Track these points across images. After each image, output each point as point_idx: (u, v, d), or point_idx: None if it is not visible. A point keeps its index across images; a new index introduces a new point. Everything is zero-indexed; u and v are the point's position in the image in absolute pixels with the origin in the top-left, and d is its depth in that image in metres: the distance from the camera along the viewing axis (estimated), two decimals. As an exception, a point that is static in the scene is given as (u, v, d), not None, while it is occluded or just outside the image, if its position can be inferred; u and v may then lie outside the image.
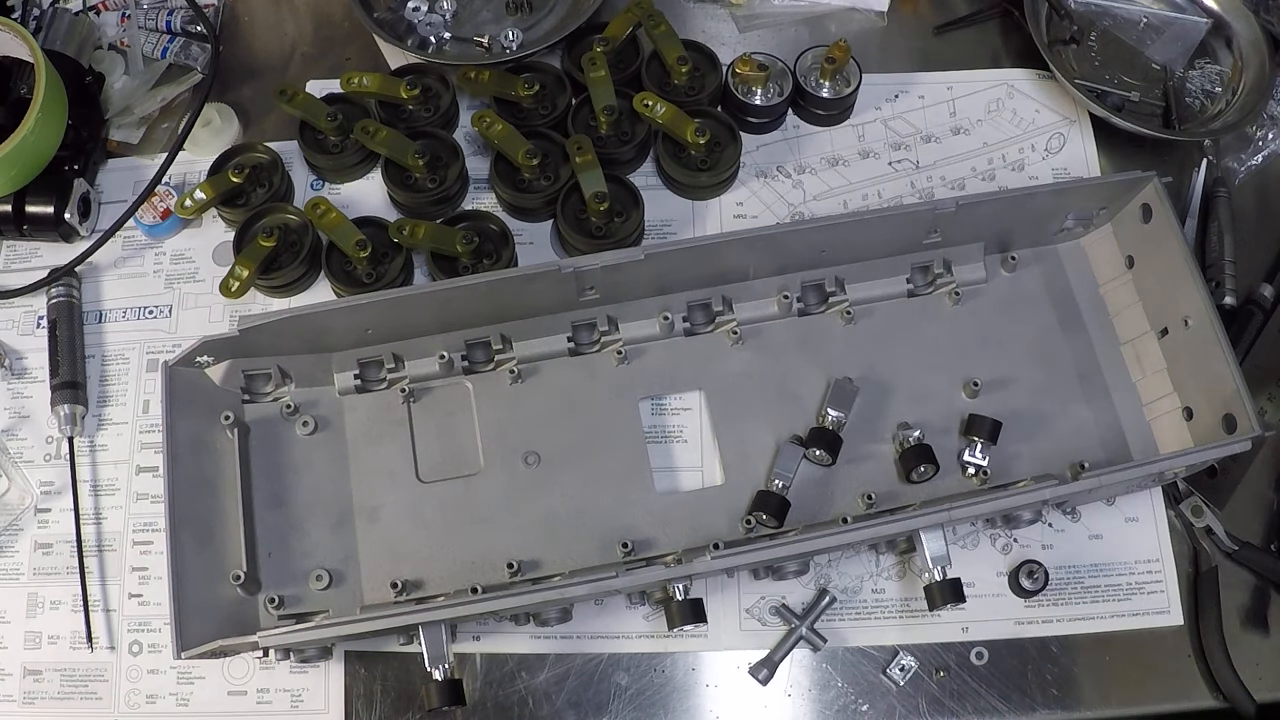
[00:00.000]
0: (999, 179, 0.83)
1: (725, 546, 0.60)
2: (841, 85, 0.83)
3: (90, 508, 0.73)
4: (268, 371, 0.70)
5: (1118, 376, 0.73)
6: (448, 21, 0.87)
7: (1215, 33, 0.89)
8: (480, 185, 0.82)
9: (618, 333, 0.73)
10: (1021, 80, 0.87)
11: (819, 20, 0.90)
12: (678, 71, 0.81)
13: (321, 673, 0.68)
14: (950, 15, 0.90)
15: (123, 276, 0.80)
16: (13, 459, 0.74)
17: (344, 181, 0.83)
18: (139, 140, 0.85)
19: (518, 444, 0.71)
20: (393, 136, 0.78)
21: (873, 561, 0.70)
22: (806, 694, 0.68)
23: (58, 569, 0.71)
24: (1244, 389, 0.64)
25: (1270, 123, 0.86)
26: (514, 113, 0.81)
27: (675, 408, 0.74)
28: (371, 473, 0.70)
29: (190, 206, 0.77)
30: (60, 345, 0.75)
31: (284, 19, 0.91)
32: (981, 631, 0.69)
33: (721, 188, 0.81)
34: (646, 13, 0.82)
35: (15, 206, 0.77)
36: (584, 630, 0.69)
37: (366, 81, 0.80)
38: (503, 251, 0.77)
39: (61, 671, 0.69)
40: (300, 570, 0.67)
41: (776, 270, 0.73)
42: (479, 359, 0.73)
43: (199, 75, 0.86)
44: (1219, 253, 0.79)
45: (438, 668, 0.60)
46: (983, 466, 0.69)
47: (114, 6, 0.89)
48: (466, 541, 0.68)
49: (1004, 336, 0.74)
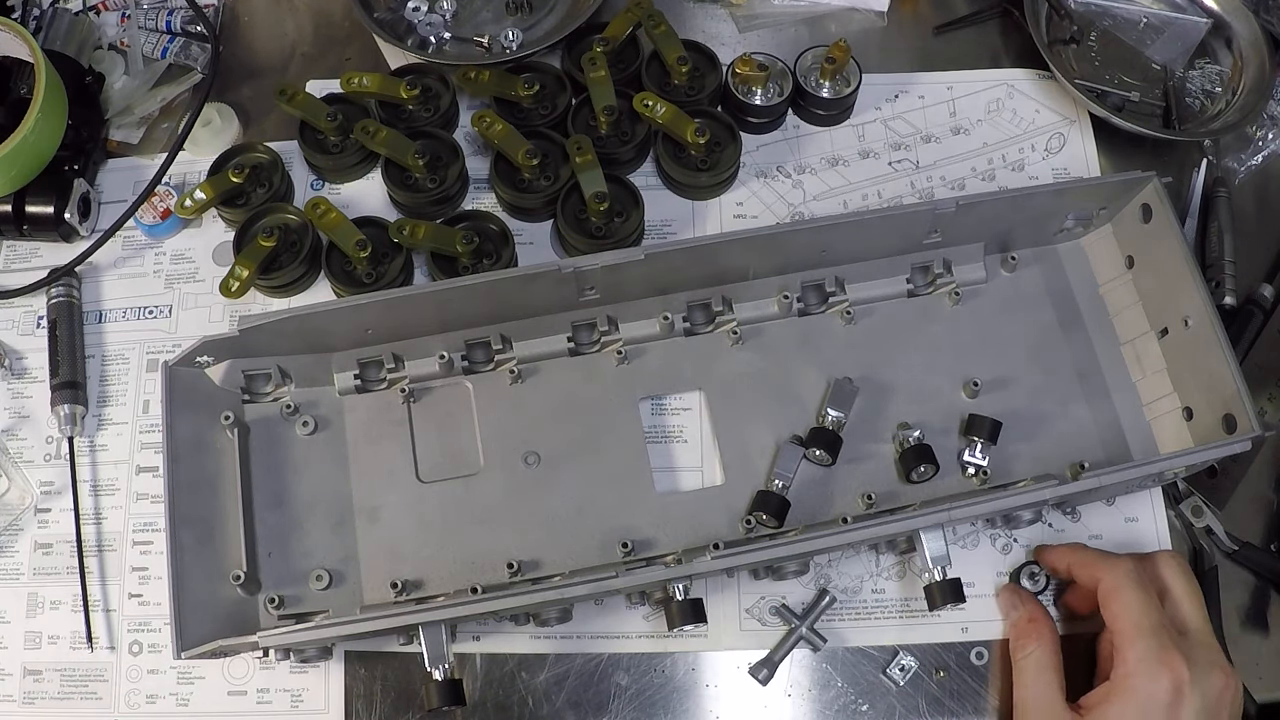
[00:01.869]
0: (999, 179, 0.83)
1: (725, 546, 0.60)
2: (841, 85, 0.83)
3: (90, 508, 0.73)
4: (268, 371, 0.70)
5: (1118, 376, 0.73)
6: (448, 21, 0.87)
7: (1215, 33, 0.89)
8: (480, 185, 0.82)
9: (618, 333, 0.73)
10: (1021, 80, 0.87)
11: (819, 20, 0.90)
12: (678, 71, 0.81)
13: (321, 673, 0.68)
14: (950, 15, 0.91)
15: (123, 276, 0.80)
16: (13, 459, 0.74)
17: (344, 181, 0.83)
18: (139, 140, 0.85)
19: (518, 444, 0.71)
20: (393, 136, 0.78)
21: (873, 561, 0.70)
22: (806, 694, 0.68)
23: (58, 569, 0.71)
24: (1244, 389, 0.64)
25: (1270, 123, 0.86)
26: (514, 113, 0.81)
27: (675, 408, 0.74)
28: (371, 473, 0.70)
29: (190, 206, 0.77)
30: (60, 345, 0.75)
31: (284, 19, 0.91)
32: (981, 631, 0.69)
33: (721, 188, 0.81)
34: (646, 13, 0.82)
35: (15, 206, 0.77)
36: (584, 630, 0.69)
37: (366, 81, 0.80)
38: (503, 251, 0.77)
39: (61, 671, 0.69)
40: (300, 570, 0.67)
41: (776, 270, 0.73)
42: (479, 359, 0.73)
43: (199, 75, 0.86)
44: (1219, 253, 0.79)
45: (438, 668, 0.60)
46: (983, 466, 0.69)
47: (114, 6, 0.89)
48: (466, 541, 0.68)
49: (1004, 336, 0.74)
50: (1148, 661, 0.57)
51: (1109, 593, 0.61)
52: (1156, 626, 0.58)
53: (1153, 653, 0.57)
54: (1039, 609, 0.66)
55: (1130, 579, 0.60)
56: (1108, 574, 0.61)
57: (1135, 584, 0.60)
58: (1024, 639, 0.64)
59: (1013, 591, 0.68)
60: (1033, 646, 0.63)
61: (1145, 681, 0.57)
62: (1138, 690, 0.57)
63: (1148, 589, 0.61)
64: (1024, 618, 0.65)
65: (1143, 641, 0.58)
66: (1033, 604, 0.66)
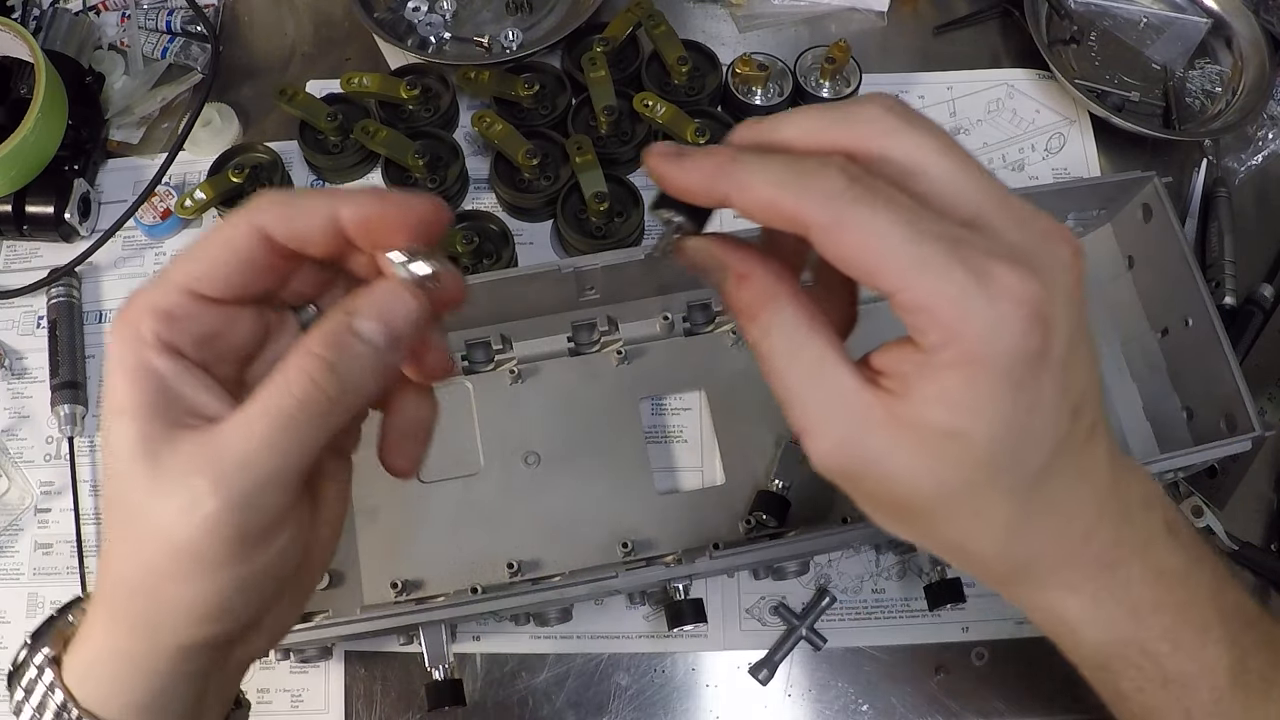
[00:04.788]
0: (999, 179, 0.83)
1: (725, 546, 0.60)
2: (841, 85, 0.83)
3: (90, 508, 0.73)
4: (268, 371, 0.70)
5: (1118, 376, 0.73)
6: (448, 21, 0.87)
7: (1215, 33, 0.89)
8: (480, 185, 0.82)
9: (618, 333, 0.73)
10: (1021, 80, 0.87)
11: (819, 20, 0.90)
12: (678, 71, 0.81)
13: (321, 673, 0.68)
14: (950, 15, 0.90)
15: (123, 276, 0.80)
16: (13, 459, 0.74)
17: (344, 181, 0.83)
18: (139, 140, 0.85)
19: (518, 444, 0.71)
20: (393, 136, 0.78)
21: (873, 561, 0.70)
22: (806, 694, 0.68)
23: (58, 569, 0.71)
24: (1244, 389, 0.64)
25: (1270, 123, 0.86)
26: (514, 113, 0.81)
27: (675, 408, 0.74)
28: (371, 473, 0.69)
29: (190, 206, 0.77)
30: (60, 345, 0.75)
31: (284, 19, 0.91)
32: (981, 631, 0.69)
33: (721, 188, 0.81)
34: (646, 13, 0.82)
35: (15, 206, 0.77)
36: (584, 630, 0.69)
37: (366, 81, 0.80)
38: (503, 251, 0.77)
39: (61, 671, 0.69)
40: (300, 570, 0.67)
41: (776, 270, 0.73)
42: (479, 359, 0.73)
43: (199, 75, 0.86)
44: (1219, 253, 0.79)
45: (438, 668, 0.60)
46: (983, 466, 0.69)
47: (114, 6, 0.89)
48: (466, 541, 0.68)
49: (1004, 336, 0.74)
50: (968, 295, 0.30)
51: (829, 229, 0.31)
52: (942, 235, 0.31)
53: (971, 279, 0.30)
54: (747, 255, 0.36)
55: (852, 192, 0.31)
56: (812, 203, 0.31)
57: (865, 195, 0.31)
58: (749, 310, 0.36)
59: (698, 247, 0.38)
60: (767, 315, 0.36)
61: (982, 328, 0.30)
62: (977, 347, 0.31)
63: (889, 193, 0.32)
64: (730, 281, 0.37)
65: (942, 269, 0.30)
66: (735, 251, 0.37)
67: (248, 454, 0.32)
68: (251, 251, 0.35)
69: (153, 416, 0.33)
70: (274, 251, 0.35)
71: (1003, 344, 0.31)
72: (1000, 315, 0.30)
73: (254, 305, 0.37)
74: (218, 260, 0.34)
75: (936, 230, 0.31)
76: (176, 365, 0.34)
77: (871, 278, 0.32)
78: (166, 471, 0.32)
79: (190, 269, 0.34)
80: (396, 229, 0.35)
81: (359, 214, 0.34)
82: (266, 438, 0.32)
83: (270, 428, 0.32)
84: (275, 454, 0.32)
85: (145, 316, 0.34)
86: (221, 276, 0.34)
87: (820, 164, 0.32)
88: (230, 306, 0.35)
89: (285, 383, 0.33)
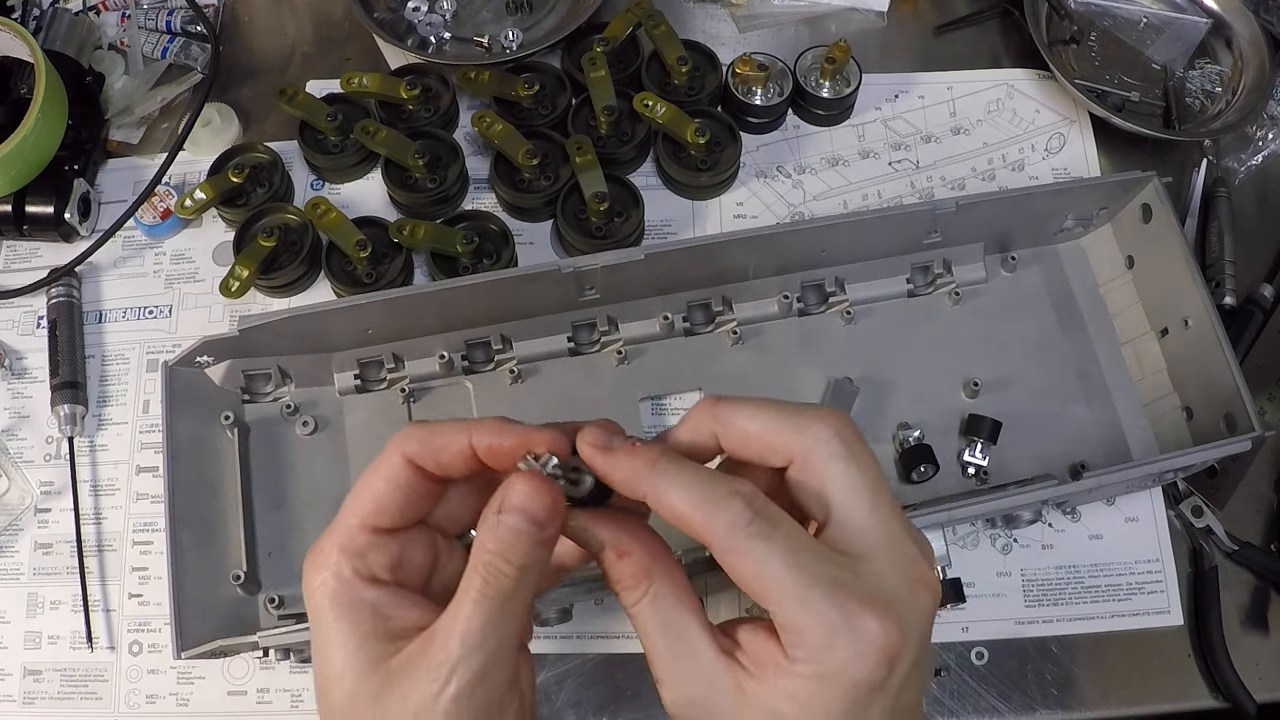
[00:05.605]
0: (999, 179, 0.83)
1: (725, 546, 0.60)
2: (841, 85, 0.83)
3: (90, 508, 0.73)
4: (268, 371, 0.70)
5: (1118, 376, 0.73)
6: (448, 21, 0.87)
7: (1215, 33, 0.89)
8: (480, 185, 0.82)
9: (618, 333, 0.73)
10: (1021, 80, 0.87)
11: (819, 20, 0.90)
12: (678, 71, 0.81)
13: (321, 673, 0.68)
14: (950, 15, 0.91)
15: (123, 276, 0.80)
16: (13, 459, 0.74)
17: (344, 181, 0.83)
18: (139, 140, 0.85)
19: (518, 444, 0.71)
20: (393, 136, 0.78)
21: (873, 561, 0.70)
22: (806, 694, 0.68)
23: (58, 569, 0.71)
24: (1244, 389, 0.64)
25: (1270, 123, 0.86)
26: (514, 113, 0.81)
27: (675, 408, 0.74)
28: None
29: (190, 206, 0.77)
30: (60, 345, 0.75)
31: (284, 19, 0.91)
32: (981, 631, 0.69)
33: (721, 188, 0.81)
34: (646, 13, 0.82)
35: (15, 206, 0.77)
36: (584, 630, 0.69)
37: (366, 81, 0.80)
38: (503, 251, 0.77)
39: (61, 671, 0.69)
40: (300, 570, 0.67)
41: (776, 270, 0.73)
42: (479, 359, 0.73)
43: (199, 75, 0.86)
44: (1219, 253, 0.79)
45: (438, 668, 0.60)
46: (982, 466, 0.69)
47: (114, 6, 0.89)
48: (466, 541, 0.68)
49: (1004, 336, 0.74)
50: (836, 632, 0.36)
51: (726, 553, 0.37)
52: (822, 577, 0.36)
53: (841, 619, 0.36)
54: (627, 534, 0.40)
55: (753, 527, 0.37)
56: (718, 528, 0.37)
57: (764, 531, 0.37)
58: (626, 582, 0.40)
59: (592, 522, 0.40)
60: (641, 589, 0.39)
61: (841, 660, 0.36)
62: (832, 670, 0.36)
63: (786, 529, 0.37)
64: (610, 552, 0.40)
65: (819, 609, 0.36)
66: (617, 529, 0.40)
67: (470, 636, 0.37)
68: (408, 481, 0.40)
69: (377, 639, 0.39)
70: (425, 477, 0.41)
71: (854, 674, 0.36)
72: (859, 653, 0.36)
73: (421, 527, 0.42)
74: (383, 495, 0.40)
75: (819, 571, 0.37)
76: (381, 592, 0.40)
77: (758, 597, 0.37)
78: (399, 681, 0.37)
79: (363, 508, 0.41)
80: (518, 457, 0.40)
81: (485, 443, 0.40)
82: (481, 620, 0.37)
83: (481, 610, 0.37)
84: (493, 632, 0.37)
85: (341, 559, 0.40)
86: (389, 508, 0.40)
87: (730, 493, 0.37)
88: (402, 532, 0.41)
89: (475, 576, 0.38)
